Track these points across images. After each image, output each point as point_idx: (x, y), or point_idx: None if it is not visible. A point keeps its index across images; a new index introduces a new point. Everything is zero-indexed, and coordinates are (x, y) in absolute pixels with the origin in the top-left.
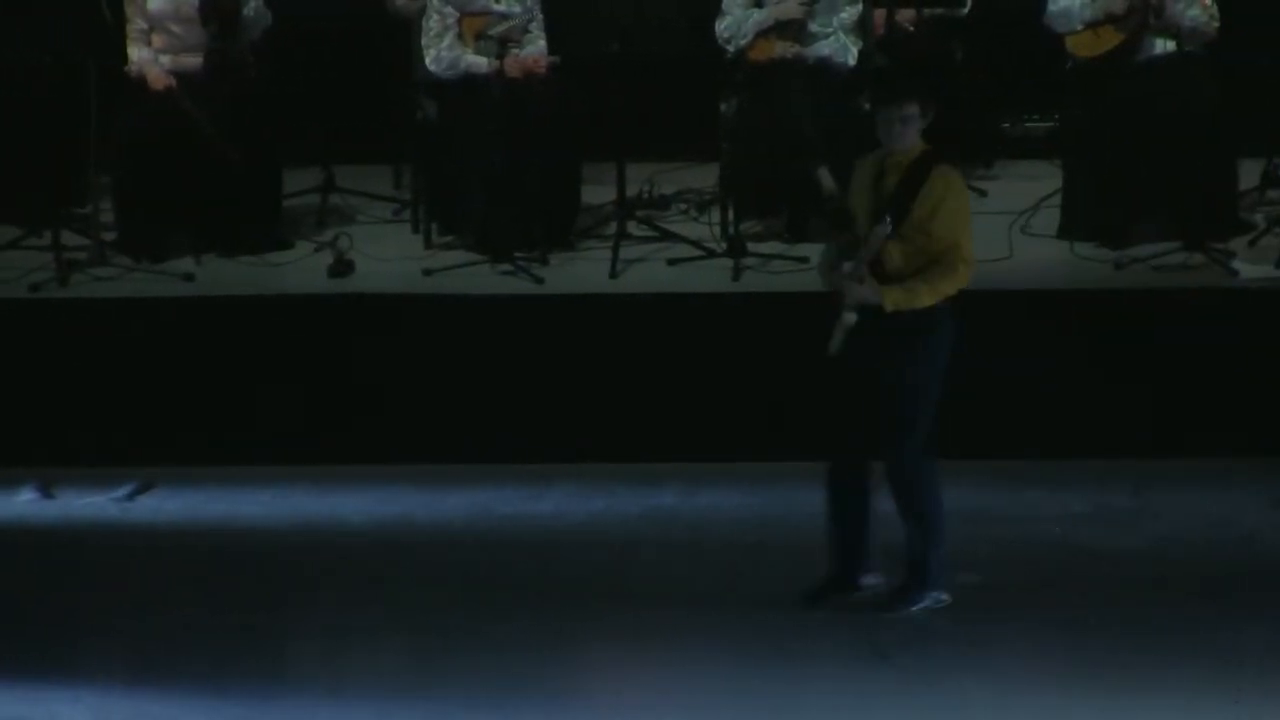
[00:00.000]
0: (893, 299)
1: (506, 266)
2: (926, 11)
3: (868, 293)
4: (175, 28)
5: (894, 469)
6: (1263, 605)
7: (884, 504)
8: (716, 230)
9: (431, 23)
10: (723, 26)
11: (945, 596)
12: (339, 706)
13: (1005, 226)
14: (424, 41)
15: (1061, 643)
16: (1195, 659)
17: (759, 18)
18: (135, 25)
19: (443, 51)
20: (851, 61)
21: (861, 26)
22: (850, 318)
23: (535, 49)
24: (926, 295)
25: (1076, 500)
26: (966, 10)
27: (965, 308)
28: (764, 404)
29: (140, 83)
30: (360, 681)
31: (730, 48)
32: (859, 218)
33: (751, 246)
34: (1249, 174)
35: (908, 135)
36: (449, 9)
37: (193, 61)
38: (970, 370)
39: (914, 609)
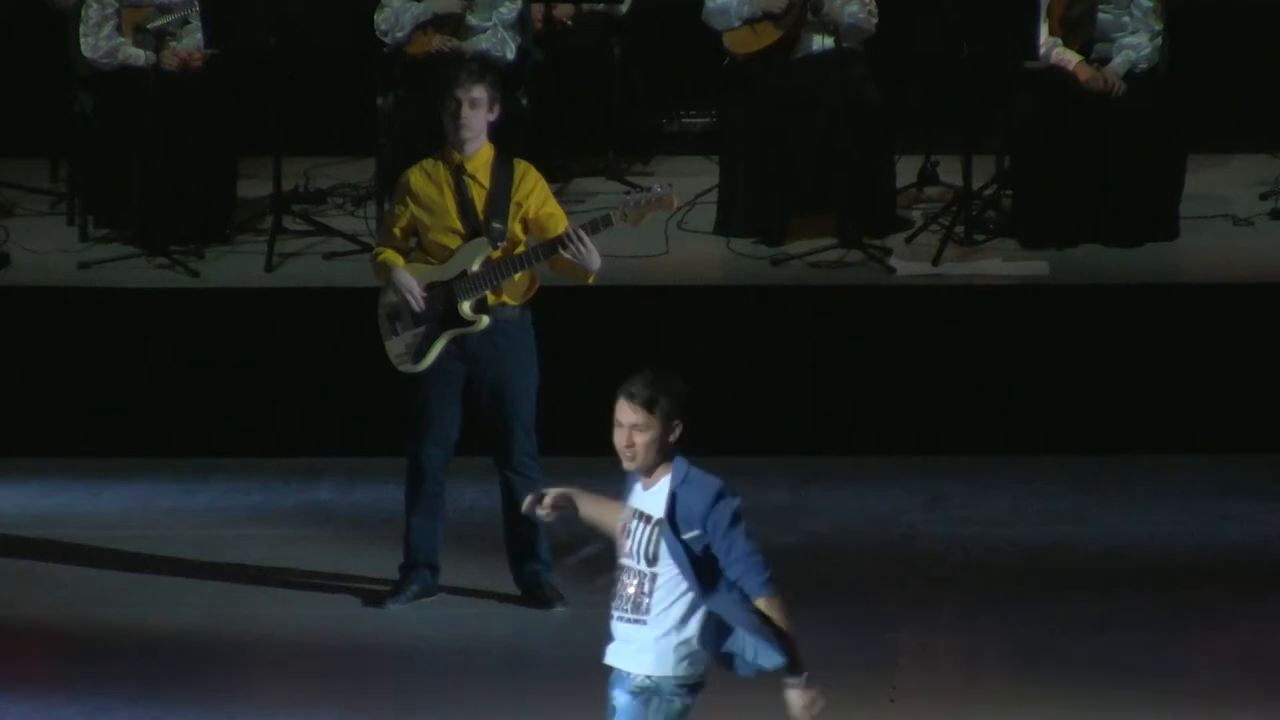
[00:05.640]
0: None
1: (162, 260)
2: (585, 7)
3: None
4: None
5: (523, 471)
6: (918, 603)
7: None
8: (373, 224)
9: (91, 12)
10: (380, 19)
11: None
12: None
13: (662, 222)
14: (82, 30)
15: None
16: (851, 657)
17: (417, 11)
18: None
19: (101, 40)
20: (510, 56)
21: (520, 22)
22: (483, 321)
23: (193, 41)
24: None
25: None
26: (625, 7)
27: (623, 303)
28: None
29: None
30: (19, 677)
31: (388, 41)
32: (437, 225)
33: None
34: (907, 171)
35: (477, 122)
36: None
37: None
38: (627, 367)
39: (561, 607)
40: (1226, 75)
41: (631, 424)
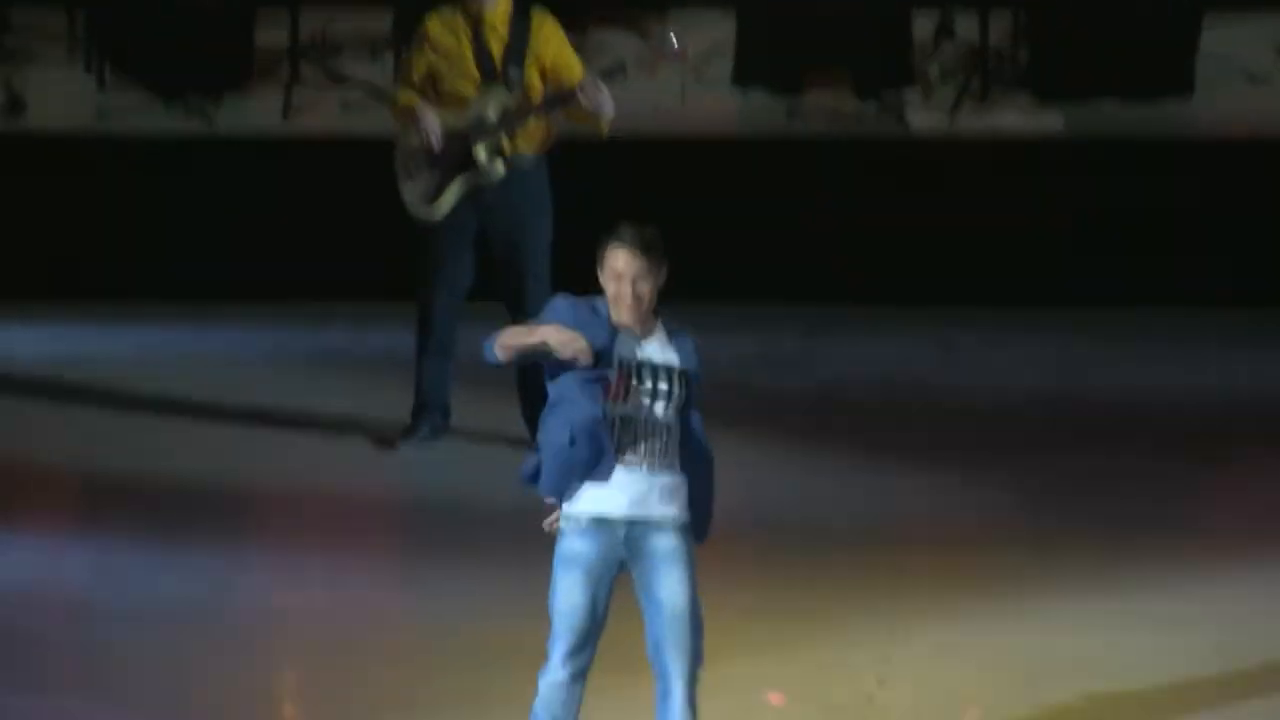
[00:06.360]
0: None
1: (179, 107)
2: None
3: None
4: None
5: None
6: (926, 452)
7: None
8: (389, 74)
9: None
10: None
11: None
12: (5, 545)
13: (678, 74)
14: None
15: (731, 478)
16: (858, 504)
17: None
18: None
19: None
20: None
21: None
22: (499, 169)
23: None
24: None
25: (748, 343)
26: None
27: (638, 155)
28: None
29: None
30: (29, 518)
31: None
32: (454, 74)
33: None
34: (924, 25)
35: None
36: None
37: None
38: (645, 217)
39: None
40: None
41: (635, 273)
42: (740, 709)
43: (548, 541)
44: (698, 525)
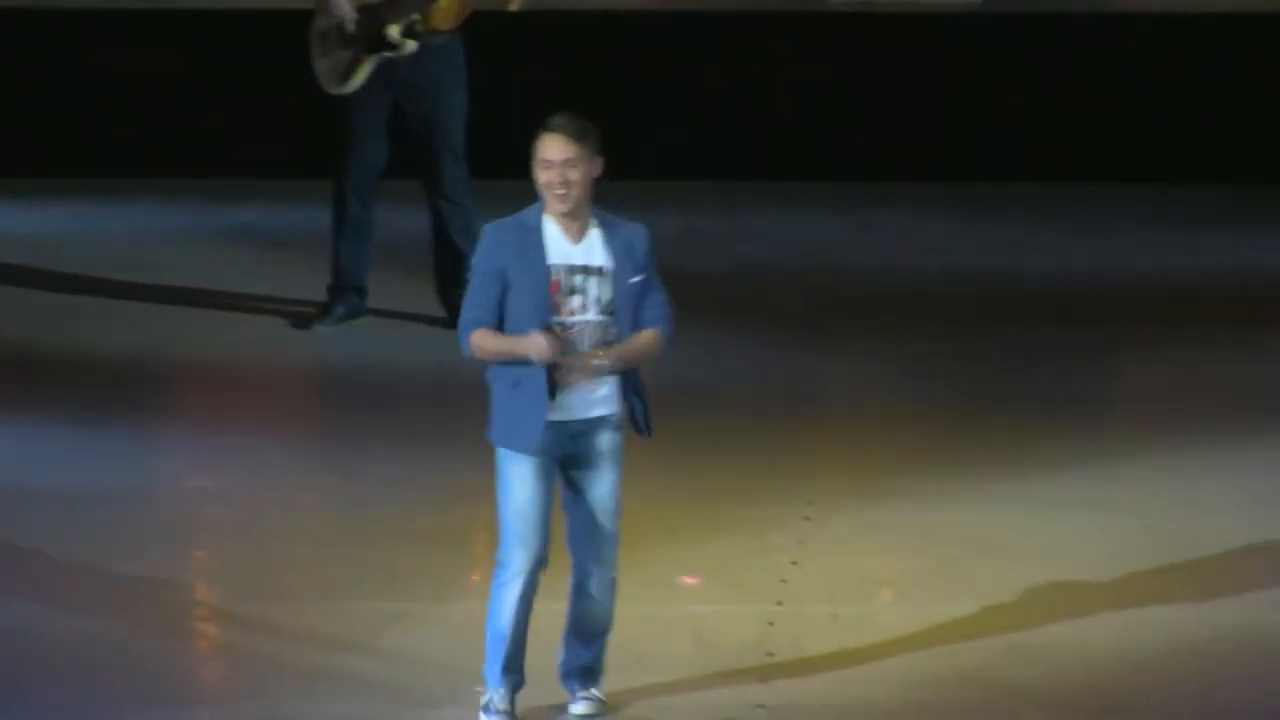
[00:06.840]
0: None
1: None
2: None
3: None
4: None
5: (452, 198)
6: (848, 329)
7: None
8: None
9: None
10: None
11: None
12: None
13: None
14: None
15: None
16: (779, 381)
17: None
18: None
19: None
20: None
21: None
22: (411, 46)
23: None
24: None
25: (667, 221)
26: None
27: (550, 28)
28: None
29: None
30: None
31: None
32: None
33: None
34: None
35: None
36: None
37: None
38: (556, 93)
39: None
40: None
41: (564, 159)
42: (655, 591)
43: (467, 422)
44: (645, 419)
